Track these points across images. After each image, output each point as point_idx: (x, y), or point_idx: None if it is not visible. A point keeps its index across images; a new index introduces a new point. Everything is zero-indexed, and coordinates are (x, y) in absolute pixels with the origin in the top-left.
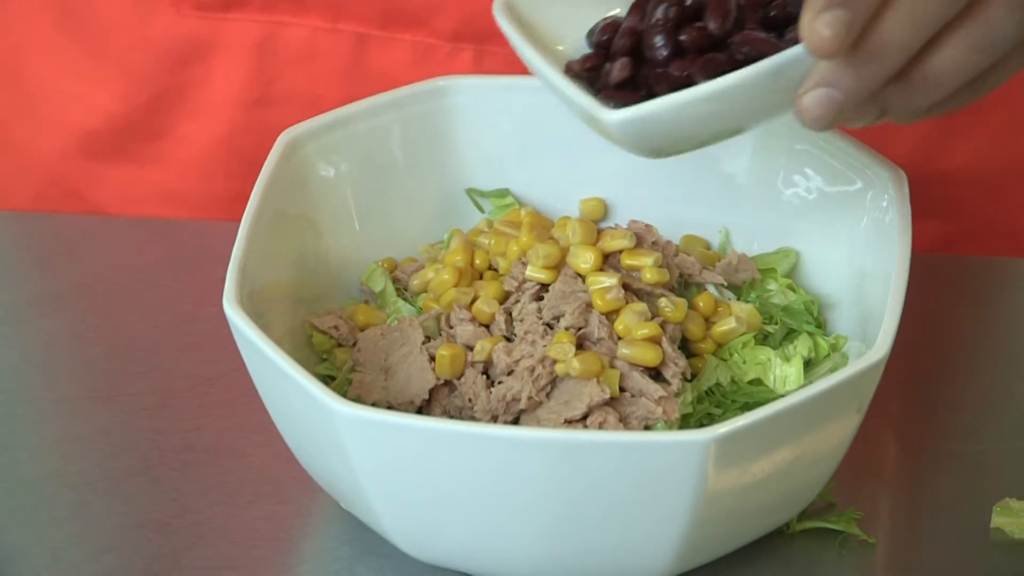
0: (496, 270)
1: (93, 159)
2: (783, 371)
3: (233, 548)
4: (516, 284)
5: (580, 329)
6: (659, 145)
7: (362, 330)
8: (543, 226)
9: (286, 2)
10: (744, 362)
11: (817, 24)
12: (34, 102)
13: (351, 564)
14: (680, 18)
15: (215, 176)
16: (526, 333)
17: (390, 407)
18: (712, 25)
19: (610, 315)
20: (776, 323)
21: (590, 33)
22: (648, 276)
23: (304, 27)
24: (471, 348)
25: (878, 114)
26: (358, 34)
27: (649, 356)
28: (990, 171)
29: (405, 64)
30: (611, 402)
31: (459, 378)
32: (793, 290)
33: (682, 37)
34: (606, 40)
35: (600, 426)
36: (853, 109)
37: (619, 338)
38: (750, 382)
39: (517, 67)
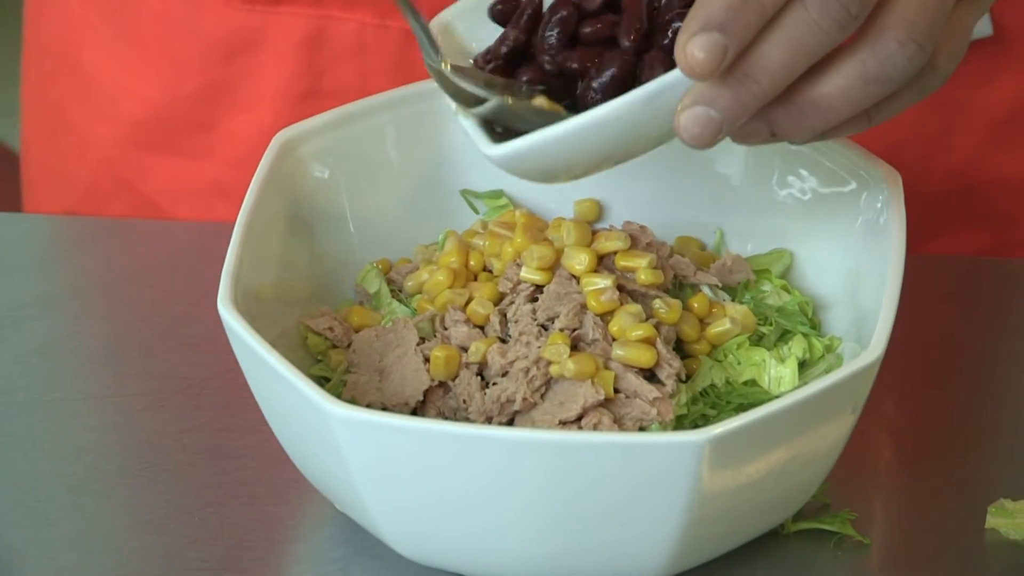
0: (491, 271)
1: (143, 149)
2: (778, 372)
3: (228, 549)
4: (511, 285)
5: (575, 330)
6: (547, 173)
7: (357, 331)
8: (538, 227)
9: None
10: (739, 363)
11: (691, 47)
12: (90, 89)
13: (346, 565)
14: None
15: None
16: (521, 334)
17: (385, 408)
18: (624, 42)
19: (605, 316)
20: (771, 324)
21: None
22: (643, 277)
23: (353, 22)
24: (466, 349)
25: (767, 135)
26: (406, 31)
27: (644, 357)
28: None
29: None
30: (605, 403)
31: (454, 379)
32: (788, 291)
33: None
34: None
35: (595, 427)
36: (735, 128)
37: (613, 339)
38: (745, 383)
39: None
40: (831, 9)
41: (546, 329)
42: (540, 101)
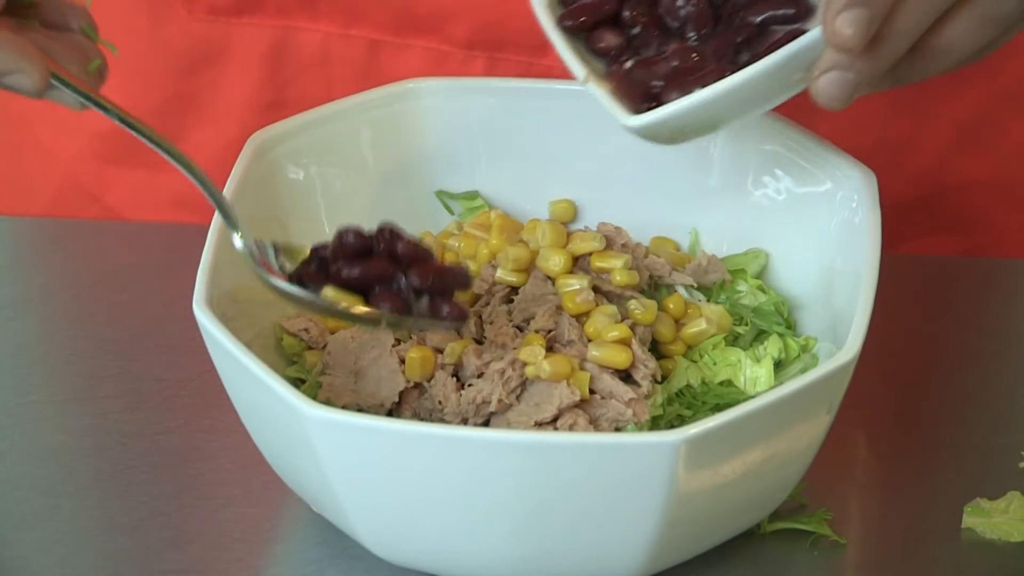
0: None
1: (107, 162)
2: (753, 372)
3: (204, 551)
4: (486, 287)
5: (550, 331)
6: (676, 137)
7: (332, 332)
8: (513, 229)
9: (299, 7)
10: (715, 363)
11: (839, 23)
12: (52, 103)
13: (322, 567)
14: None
15: None
16: (496, 335)
17: (360, 410)
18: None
19: (580, 317)
20: (746, 324)
21: None
22: (618, 278)
23: (317, 32)
24: (441, 351)
25: (892, 82)
26: (371, 40)
27: (619, 358)
28: (1008, 183)
29: (418, 70)
30: (581, 404)
31: (429, 380)
32: (763, 291)
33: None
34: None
35: (570, 428)
36: (869, 86)
37: (589, 340)
38: (720, 383)
39: (530, 75)
40: None
41: (521, 330)
42: None
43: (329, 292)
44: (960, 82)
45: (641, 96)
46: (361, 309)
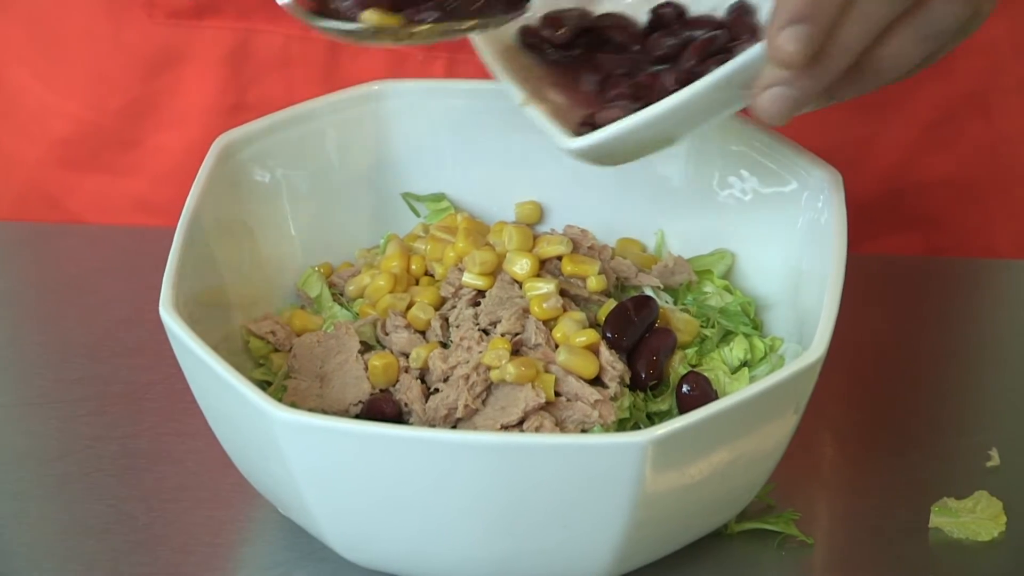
0: (432, 275)
1: (68, 167)
2: (730, 382)
3: (171, 554)
4: (453, 290)
5: (517, 335)
6: (616, 159)
7: (298, 335)
8: (479, 232)
9: (260, 9)
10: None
11: (781, 40)
12: (13, 108)
13: (289, 569)
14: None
15: (190, 185)
16: (462, 339)
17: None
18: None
19: (548, 322)
20: (713, 325)
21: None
22: (593, 285)
23: (278, 34)
24: (407, 355)
25: (826, 100)
26: (332, 41)
27: (587, 369)
28: (969, 182)
29: (379, 72)
30: (547, 407)
31: (395, 385)
32: (730, 291)
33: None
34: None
35: (536, 430)
36: (807, 103)
37: (556, 345)
38: None
39: (489, 76)
40: None
41: (488, 334)
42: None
43: (369, 15)
44: (920, 81)
45: (580, 119)
46: (414, 26)
